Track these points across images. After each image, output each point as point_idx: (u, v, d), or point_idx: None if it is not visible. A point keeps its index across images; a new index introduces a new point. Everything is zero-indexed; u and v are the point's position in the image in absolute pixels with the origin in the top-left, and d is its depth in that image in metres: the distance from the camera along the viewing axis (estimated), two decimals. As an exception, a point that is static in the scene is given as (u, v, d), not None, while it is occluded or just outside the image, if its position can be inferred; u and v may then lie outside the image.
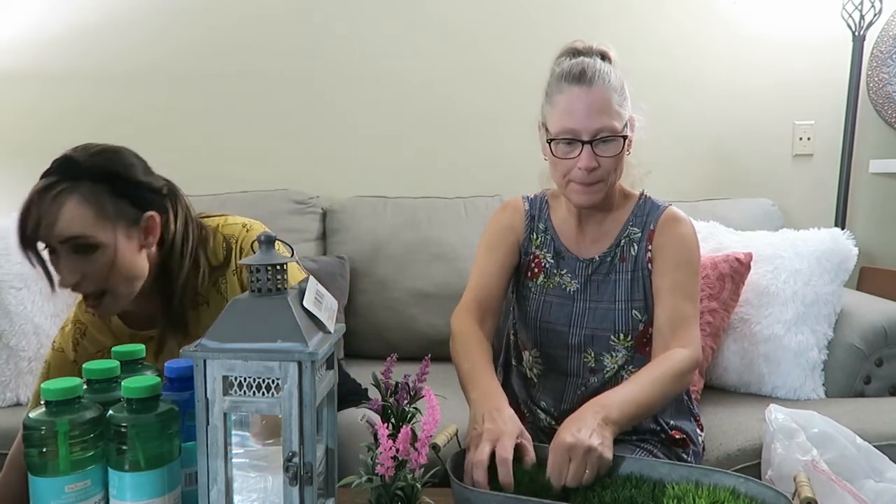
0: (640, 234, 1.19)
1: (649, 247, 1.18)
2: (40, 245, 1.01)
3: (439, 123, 2.28)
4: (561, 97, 1.11)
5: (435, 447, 0.87)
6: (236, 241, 1.12)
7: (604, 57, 1.15)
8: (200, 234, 1.12)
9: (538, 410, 1.27)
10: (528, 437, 0.93)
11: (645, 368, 1.06)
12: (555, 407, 1.23)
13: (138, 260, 1.04)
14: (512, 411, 0.96)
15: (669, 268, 1.14)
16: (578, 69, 1.10)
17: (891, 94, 2.19)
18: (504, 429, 0.91)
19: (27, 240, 0.99)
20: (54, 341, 1.18)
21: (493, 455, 0.88)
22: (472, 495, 0.81)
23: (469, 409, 1.01)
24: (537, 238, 1.25)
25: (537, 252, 1.24)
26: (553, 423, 1.25)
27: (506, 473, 0.86)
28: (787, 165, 2.30)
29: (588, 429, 0.89)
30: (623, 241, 1.19)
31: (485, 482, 0.86)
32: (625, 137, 1.10)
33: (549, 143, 1.13)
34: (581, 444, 0.86)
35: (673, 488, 0.85)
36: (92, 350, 1.15)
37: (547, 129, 1.14)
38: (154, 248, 1.07)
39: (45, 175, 1.00)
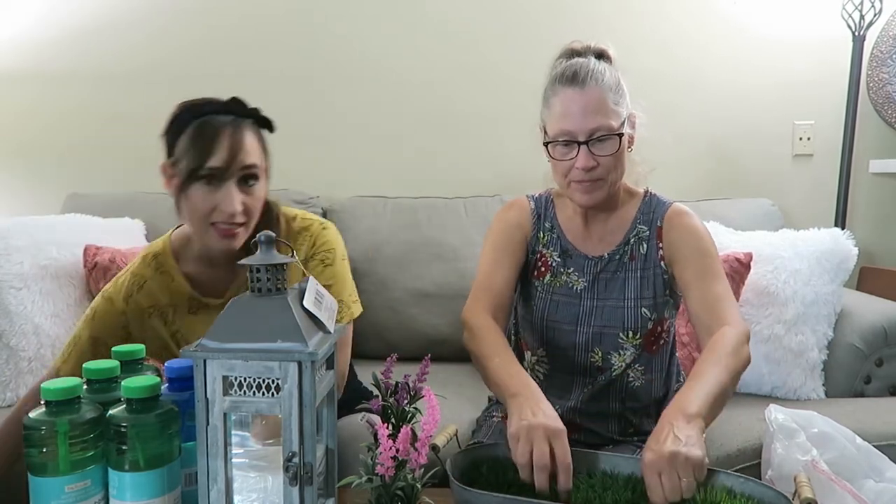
0: (648, 232, 1.20)
1: (660, 244, 1.18)
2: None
3: (439, 123, 2.28)
4: (556, 99, 1.12)
5: (434, 448, 0.87)
6: (311, 233, 1.19)
7: (601, 56, 1.16)
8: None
9: None
10: None
11: (701, 357, 1.03)
12: (560, 405, 1.23)
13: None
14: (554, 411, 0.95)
15: (689, 259, 1.15)
16: (571, 71, 1.11)
17: (891, 94, 2.19)
18: (559, 427, 0.90)
19: (220, 169, 1.03)
20: (104, 290, 1.18)
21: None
22: (471, 496, 0.81)
23: (508, 405, 0.98)
24: (544, 236, 1.25)
25: (544, 251, 1.24)
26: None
27: (566, 480, 0.86)
28: (787, 165, 2.30)
29: (664, 436, 0.86)
30: (632, 240, 1.20)
31: (546, 485, 0.85)
32: (621, 135, 1.10)
33: (547, 146, 1.14)
34: (661, 454, 0.83)
35: None
36: (144, 304, 1.16)
37: (546, 132, 1.15)
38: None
39: (213, 112, 1.06)
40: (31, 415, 0.74)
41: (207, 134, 1.03)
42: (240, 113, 1.08)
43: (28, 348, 1.54)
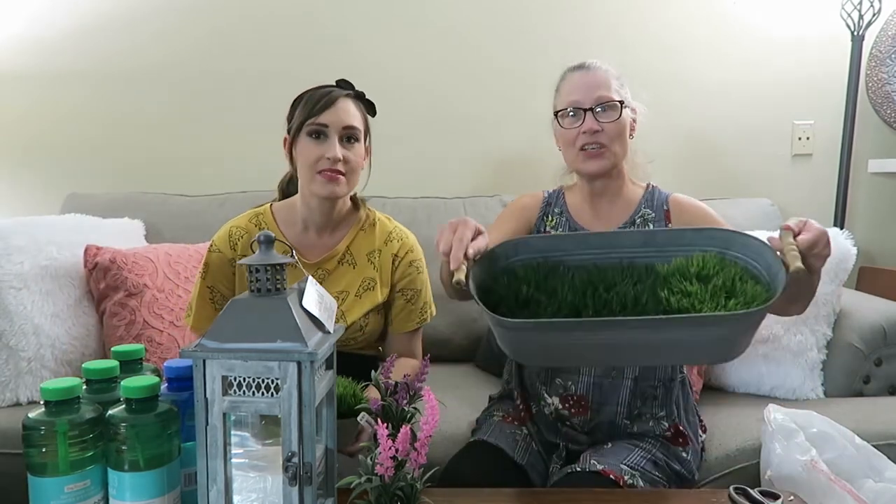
0: (653, 215, 1.29)
1: (669, 225, 1.27)
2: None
3: (439, 124, 2.28)
4: (565, 83, 1.29)
5: (459, 283, 0.85)
6: (403, 236, 1.42)
7: None
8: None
9: (545, 395, 1.26)
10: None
11: None
12: (573, 382, 1.23)
13: None
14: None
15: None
16: (580, 62, 1.29)
17: (889, 94, 2.20)
18: (464, 220, 0.98)
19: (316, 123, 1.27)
20: (211, 247, 1.35)
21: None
22: (504, 321, 0.83)
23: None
24: (552, 220, 1.33)
25: (550, 230, 1.32)
26: (556, 410, 1.24)
27: (462, 234, 0.92)
28: (787, 165, 2.31)
29: None
30: (638, 220, 1.29)
31: (462, 258, 0.90)
32: (622, 102, 1.23)
33: (557, 116, 1.27)
34: (823, 229, 0.99)
35: (664, 266, 0.96)
36: (243, 255, 1.32)
37: (556, 112, 1.28)
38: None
39: (328, 87, 1.31)
40: (31, 415, 0.75)
41: (315, 97, 1.28)
42: (349, 89, 1.32)
43: (28, 348, 1.54)
